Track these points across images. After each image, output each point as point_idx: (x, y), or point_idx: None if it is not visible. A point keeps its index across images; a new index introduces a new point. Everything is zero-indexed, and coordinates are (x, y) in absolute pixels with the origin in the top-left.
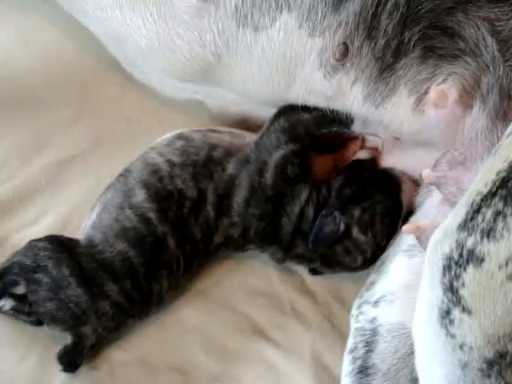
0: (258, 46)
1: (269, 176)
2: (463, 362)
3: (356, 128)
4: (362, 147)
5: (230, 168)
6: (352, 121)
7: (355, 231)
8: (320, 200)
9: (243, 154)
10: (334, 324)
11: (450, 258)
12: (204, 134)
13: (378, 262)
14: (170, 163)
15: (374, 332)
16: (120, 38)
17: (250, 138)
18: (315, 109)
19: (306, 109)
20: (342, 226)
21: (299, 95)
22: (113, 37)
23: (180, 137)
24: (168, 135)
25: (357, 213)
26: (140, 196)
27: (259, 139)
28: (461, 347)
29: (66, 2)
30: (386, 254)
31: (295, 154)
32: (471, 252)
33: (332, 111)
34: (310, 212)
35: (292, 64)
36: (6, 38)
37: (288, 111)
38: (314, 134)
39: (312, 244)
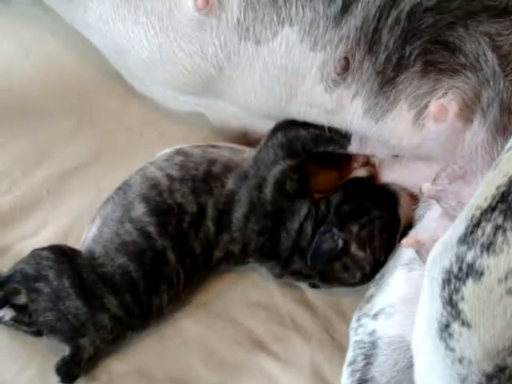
0: (259, 59)
1: (268, 191)
2: (462, 376)
3: (353, 149)
4: (364, 164)
5: (230, 184)
6: (349, 141)
7: (354, 248)
8: (319, 216)
9: (242, 170)
10: (333, 337)
11: (449, 272)
12: (203, 149)
13: (378, 276)
14: (170, 177)
15: (373, 345)
16: (122, 50)
17: (249, 153)
18: (313, 126)
19: (303, 125)
20: (341, 243)
21: (300, 109)
22: (115, 49)
23: (179, 152)
24: (167, 150)
25: (355, 229)
26: (139, 210)
27: (257, 154)
28: (460, 361)
29: (68, 14)
30: (385, 267)
31: (293, 170)
32: (471, 266)
33: (330, 130)
34: (309, 228)
35: (293, 77)
36: (8, 49)
37: (286, 126)
38: (311, 151)
39: (310, 261)
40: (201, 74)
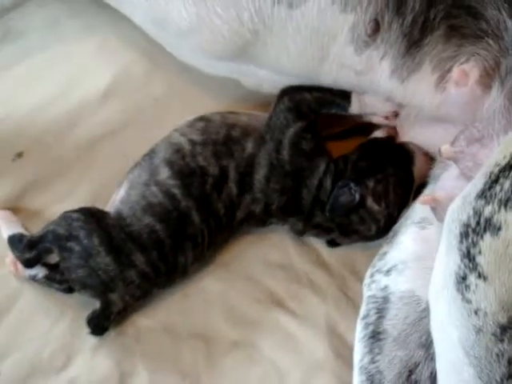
0: (292, 21)
1: (285, 153)
2: (478, 327)
3: (354, 110)
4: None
5: (249, 147)
6: (349, 103)
7: (369, 201)
8: (337, 172)
9: (259, 135)
10: (347, 295)
11: (467, 226)
12: (223, 115)
13: (391, 233)
14: (192, 142)
15: (386, 299)
16: (162, 23)
17: (263, 119)
18: (317, 89)
19: (307, 89)
20: (357, 196)
21: (332, 70)
22: (155, 23)
23: (201, 119)
24: (190, 118)
25: (371, 184)
26: (164, 173)
27: (269, 120)
28: (476, 312)
29: None
30: (398, 225)
31: (305, 130)
32: (488, 220)
33: (332, 93)
34: (328, 183)
35: (325, 39)
36: None
37: (291, 92)
38: (318, 112)
39: (329, 212)
40: (237, 39)
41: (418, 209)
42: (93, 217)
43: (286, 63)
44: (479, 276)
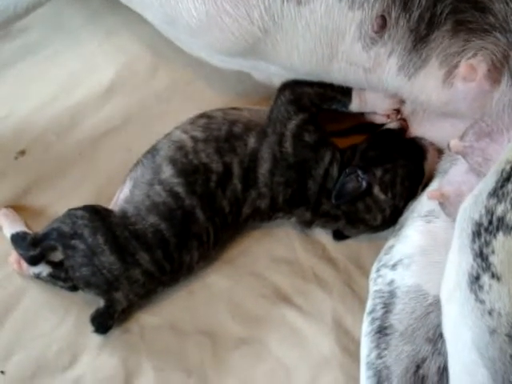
0: (301, 19)
1: (288, 145)
2: (492, 328)
3: (354, 107)
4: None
5: (252, 142)
6: (350, 100)
7: (376, 190)
8: (345, 161)
9: (261, 129)
10: (353, 289)
11: (479, 225)
12: (225, 111)
13: (397, 227)
14: (194, 139)
15: (392, 294)
16: (172, 20)
17: (264, 113)
18: (318, 84)
19: (308, 83)
20: (364, 184)
21: (340, 67)
22: (166, 20)
23: (202, 115)
24: (192, 115)
25: (379, 173)
26: (168, 172)
27: (270, 113)
28: (490, 313)
29: None
30: (404, 218)
31: (307, 122)
32: (501, 219)
33: (333, 89)
34: (335, 171)
35: (334, 36)
36: None
37: (292, 85)
38: (319, 106)
39: (335, 199)
40: (247, 37)
41: (425, 202)
42: (97, 215)
43: (296, 61)
44: (492, 276)
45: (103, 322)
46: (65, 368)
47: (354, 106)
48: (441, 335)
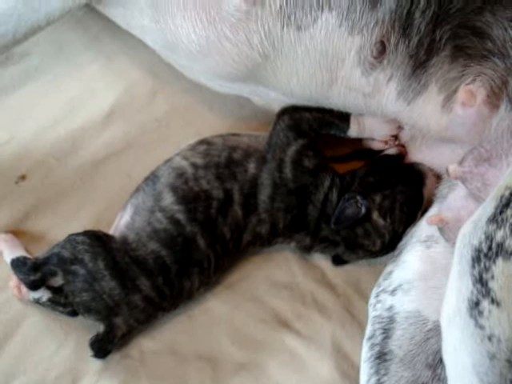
0: (301, 44)
1: (288, 171)
2: (491, 353)
3: (352, 133)
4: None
5: (251, 168)
6: (348, 126)
7: (375, 215)
8: (344, 186)
9: (260, 155)
10: (353, 314)
11: (479, 251)
12: (224, 137)
13: (396, 252)
14: (194, 166)
15: (391, 319)
16: (172, 46)
17: (263, 138)
18: (316, 110)
19: (307, 109)
20: (364, 209)
21: (340, 92)
22: (166, 46)
23: (202, 142)
24: (191, 141)
25: (378, 198)
26: (168, 199)
27: (270, 139)
28: (489, 338)
29: (124, 20)
30: (403, 243)
31: (307, 147)
32: (500, 245)
33: (332, 114)
34: (334, 196)
35: (333, 62)
36: None
37: (290, 110)
38: (318, 131)
39: (334, 224)
40: (247, 62)
41: (424, 227)
42: (98, 240)
43: (295, 86)
44: (492, 301)
45: (102, 347)
46: None
47: (353, 131)
48: (440, 361)
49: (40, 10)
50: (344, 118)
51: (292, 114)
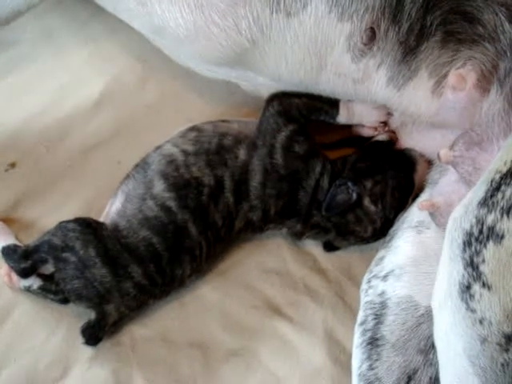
0: (290, 30)
1: (279, 157)
2: (482, 337)
3: (341, 119)
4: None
5: (242, 154)
6: (338, 111)
7: (366, 201)
8: (335, 172)
9: (250, 141)
10: (344, 300)
11: (470, 234)
12: (215, 124)
13: (387, 238)
14: (185, 152)
15: (383, 305)
16: (160, 30)
17: (253, 125)
18: (305, 95)
19: (296, 95)
20: (355, 195)
21: (329, 78)
22: (153, 29)
23: (193, 129)
24: (182, 128)
25: (369, 184)
26: (159, 186)
27: (260, 125)
28: (481, 322)
29: (110, 3)
30: (394, 228)
31: (297, 133)
32: (491, 229)
33: (321, 100)
34: (325, 182)
35: (323, 48)
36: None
37: (280, 96)
38: (307, 116)
39: (325, 210)
40: (235, 47)
41: (415, 212)
42: (89, 227)
43: (284, 72)
44: (483, 285)
45: (94, 334)
46: (56, 381)
47: (342, 117)
48: (432, 346)
49: None
50: (333, 104)
51: (281, 99)
